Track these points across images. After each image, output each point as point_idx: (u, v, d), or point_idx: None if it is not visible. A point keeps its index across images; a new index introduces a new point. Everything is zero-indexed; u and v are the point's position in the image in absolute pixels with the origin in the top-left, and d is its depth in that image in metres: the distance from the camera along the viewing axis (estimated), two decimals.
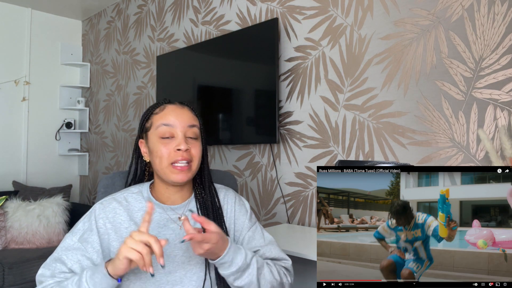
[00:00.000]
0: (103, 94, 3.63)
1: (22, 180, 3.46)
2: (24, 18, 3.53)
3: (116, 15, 3.51)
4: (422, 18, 1.62)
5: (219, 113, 2.38)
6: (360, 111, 1.81)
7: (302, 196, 2.02)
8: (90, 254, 0.91)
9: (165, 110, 1.00)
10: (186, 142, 0.96)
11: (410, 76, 1.65)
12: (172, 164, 0.95)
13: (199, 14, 2.65)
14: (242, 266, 0.90)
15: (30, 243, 2.70)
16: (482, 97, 1.46)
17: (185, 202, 1.01)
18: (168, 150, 0.95)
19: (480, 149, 1.47)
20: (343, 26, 1.87)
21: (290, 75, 2.09)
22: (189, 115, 1.00)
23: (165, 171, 0.96)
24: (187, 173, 0.96)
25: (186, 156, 0.95)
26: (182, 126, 0.97)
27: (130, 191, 1.02)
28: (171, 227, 0.97)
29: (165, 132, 0.96)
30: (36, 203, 2.82)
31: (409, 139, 1.65)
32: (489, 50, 1.45)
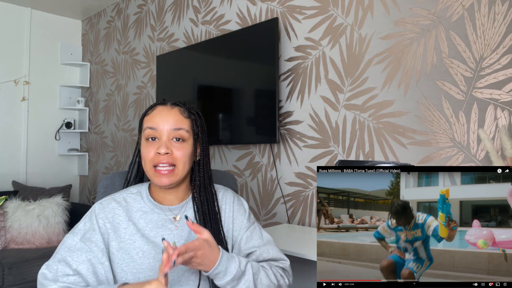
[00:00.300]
0: (103, 94, 3.63)
1: (22, 180, 3.47)
2: (24, 18, 3.53)
3: (116, 14, 3.52)
4: (422, 18, 1.62)
5: (219, 113, 2.38)
6: (360, 111, 1.81)
7: (302, 196, 2.02)
8: (95, 253, 0.91)
9: (154, 111, 0.99)
10: (167, 145, 0.95)
11: (410, 76, 1.65)
12: (154, 167, 0.95)
13: (199, 14, 2.65)
14: (237, 274, 0.89)
15: (29, 243, 2.71)
16: (482, 97, 1.46)
17: (182, 203, 1.01)
18: (150, 153, 0.95)
19: (480, 149, 1.47)
20: (343, 25, 1.88)
21: (290, 75, 2.09)
22: (176, 117, 0.98)
23: (149, 173, 0.96)
24: (170, 177, 0.95)
25: (167, 160, 0.95)
26: (166, 129, 0.96)
27: (129, 191, 1.02)
28: (169, 227, 0.97)
29: (149, 134, 0.96)
30: (35, 203, 2.82)
31: (410, 139, 1.65)
32: (490, 50, 1.45)
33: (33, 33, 3.58)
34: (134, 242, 0.94)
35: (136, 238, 0.94)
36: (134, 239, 0.94)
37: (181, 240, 0.97)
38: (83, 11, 3.70)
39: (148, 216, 0.98)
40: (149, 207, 0.99)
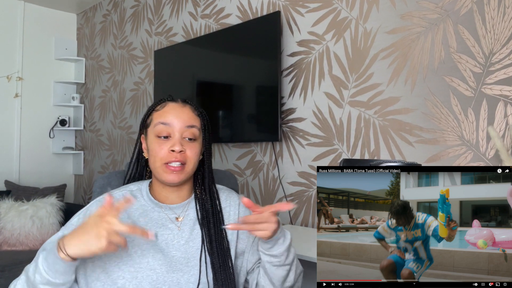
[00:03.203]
0: (99, 90, 3.67)
1: (15, 180, 3.51)
2: (17, 11, 3.56)
3: (112, 8, 3.55)
4: (429, 11, 1.64)
5: (219, 110, 2.41)
6: (365, 108, 1.84)
7: (305, 196, 2.05)
8: None
9: (165, 107, 1.02)
10: (181, 143, 0.98)
11: (417, 72, 1.67)
12: (165, 164, 0.98)
13: (199, 7, 2.68)
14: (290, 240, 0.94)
15: (23, 245, 2.74)
16: (492, 93, 1.48)
17: (184, 202, 1.04)
18: (162, 150, 0.97)
19: (490, 147, 1.49)
20: (348, 19, 1.90)
21: (293, 70, 2.11)
22: (189, 114, 1.02)
23: (158, 170, 0.98)
24: (180, 175, 0.98)
25: (180, 158, 0.97)
26: (179, 126, 0.99)
27: (129, 188, 1.04)
28: (169, 227, 0.99)
29: (161, 130, 0.99)
30: (29, 204, 2.85)
31: (417, 137, 1.67)
32: (500, 45, 1.46)
33: (26, 27, 3.61)
34: (132, 240, 0.95)
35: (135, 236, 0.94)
36: (132, 237, 0.94)
37: (182, 240, 0.98)
38: (78, 4, 3.73)
39: (148, 214, 1.00)
40: (150, 205, 1.01)
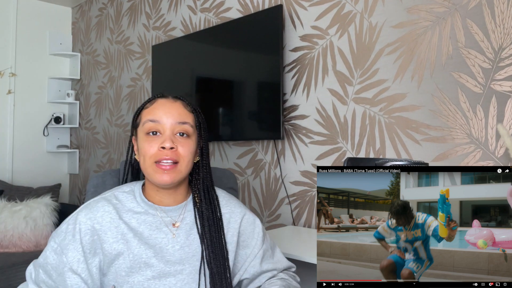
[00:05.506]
0: (95, 86, 3.70)
1: (8, 179, 3.54)
2: (10, 5, 3.59)
3: (108, 1, 3.57)
4: (437, 5, 1.66)
5: (219, 107, 2.43)
6: (370, 105, 1.86)
7: (308, 196, 2.08)
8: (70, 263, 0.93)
9: (154, 104, 1.01)
10: (172, 140, 0.96)
11: (424, 67, 1.69)
12: (156, 163, 0.95)
13: (198, 1, 2.70)
14: None
15: (16, 247, 2.77)
16: (501, 89, 1.50)
17: (180, 205, 1.03)
18: (152, 148, 0.95)
19: (499, 145, 1.51)
20: (353, 13, 1.92)
21: (296, 66, 2.13)
22: (180, 110, 1.00)
23: (149, 170, 0.96)
24: (172, 174, 0.95)
25: (171, 156, 0.95)
26: (170, 123, 0.97)
27: (122, 189, 1.04)
28: (164, 231, 0.99)
29: (150, 128, 0.97)
30: (22, 204, 2.87)
31: (424, 135, 1.69)
32: (510, 39, 1.48)
33: (20, 21, 3.64)
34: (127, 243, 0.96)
35: (128, 239, 0.96)
36: (126, 239, 0.96)
37: (177, 246, 0.99)
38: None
39: (141, 217, 0.99)
40: (142, 208, 1.01)
